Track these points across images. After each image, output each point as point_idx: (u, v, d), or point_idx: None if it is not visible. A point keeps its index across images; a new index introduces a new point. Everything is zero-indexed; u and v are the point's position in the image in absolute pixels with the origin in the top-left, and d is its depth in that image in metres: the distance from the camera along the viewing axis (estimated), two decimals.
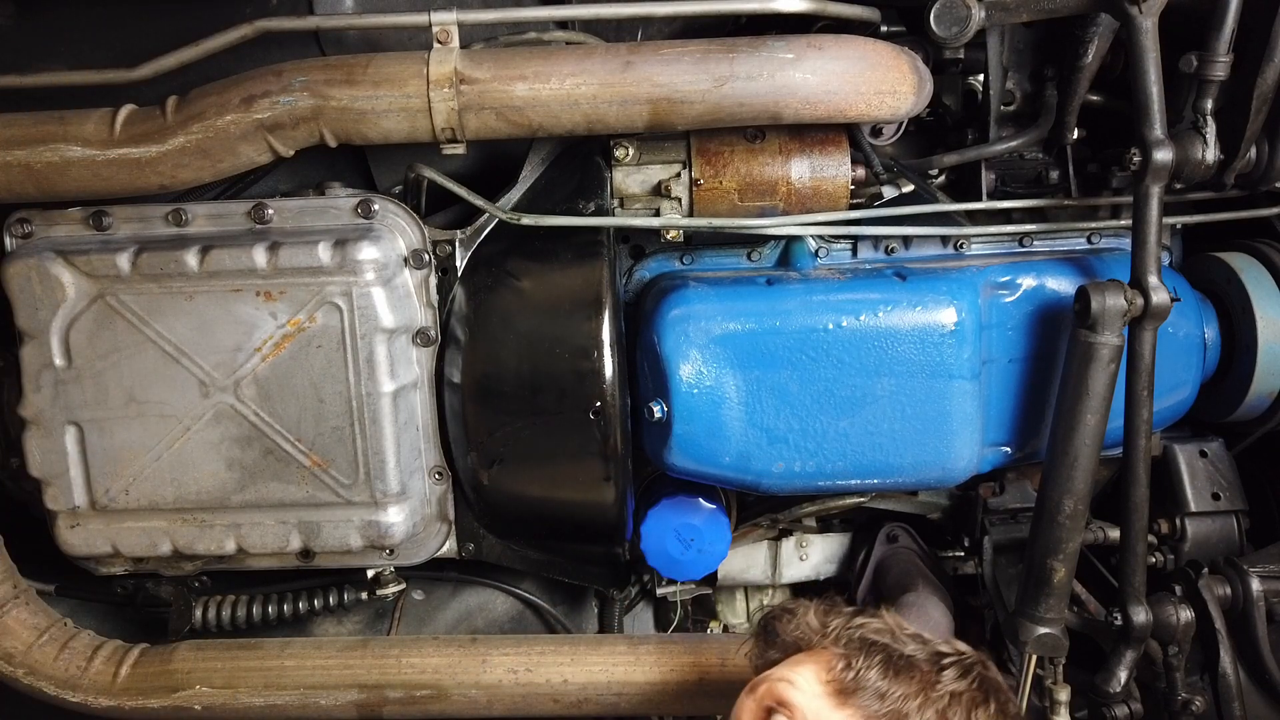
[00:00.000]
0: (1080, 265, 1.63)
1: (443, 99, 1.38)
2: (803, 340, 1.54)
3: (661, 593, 1.89)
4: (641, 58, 1.40)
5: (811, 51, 1.40)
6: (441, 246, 1.54)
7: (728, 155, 1.54)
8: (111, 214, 1.49)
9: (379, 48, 1.54)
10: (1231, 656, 1.56)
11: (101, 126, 1.42)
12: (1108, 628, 1.55)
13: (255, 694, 1.62)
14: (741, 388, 1.55)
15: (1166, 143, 1.44)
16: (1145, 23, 1.41)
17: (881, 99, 1.42)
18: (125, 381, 1.48)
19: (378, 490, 1.53)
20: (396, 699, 1.63)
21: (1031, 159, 1.73)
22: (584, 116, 1.41)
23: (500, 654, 1.63)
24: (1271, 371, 1.68)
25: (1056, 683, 1.56)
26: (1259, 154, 1.57)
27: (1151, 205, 1.46)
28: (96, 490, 1.53)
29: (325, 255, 1.46)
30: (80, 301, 1.46)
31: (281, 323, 1.47)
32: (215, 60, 1.45)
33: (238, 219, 1.50)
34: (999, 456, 1.69)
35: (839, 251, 1.66)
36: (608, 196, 1.57)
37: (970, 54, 1.59)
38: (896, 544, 1.91)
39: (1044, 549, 1.52)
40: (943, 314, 1.54)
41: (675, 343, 1.53)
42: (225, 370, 1.48)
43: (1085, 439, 1.47)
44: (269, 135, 1.41)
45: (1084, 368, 1.46)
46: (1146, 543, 1.56)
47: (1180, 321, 1.63)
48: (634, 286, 1.70)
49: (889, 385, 1.55)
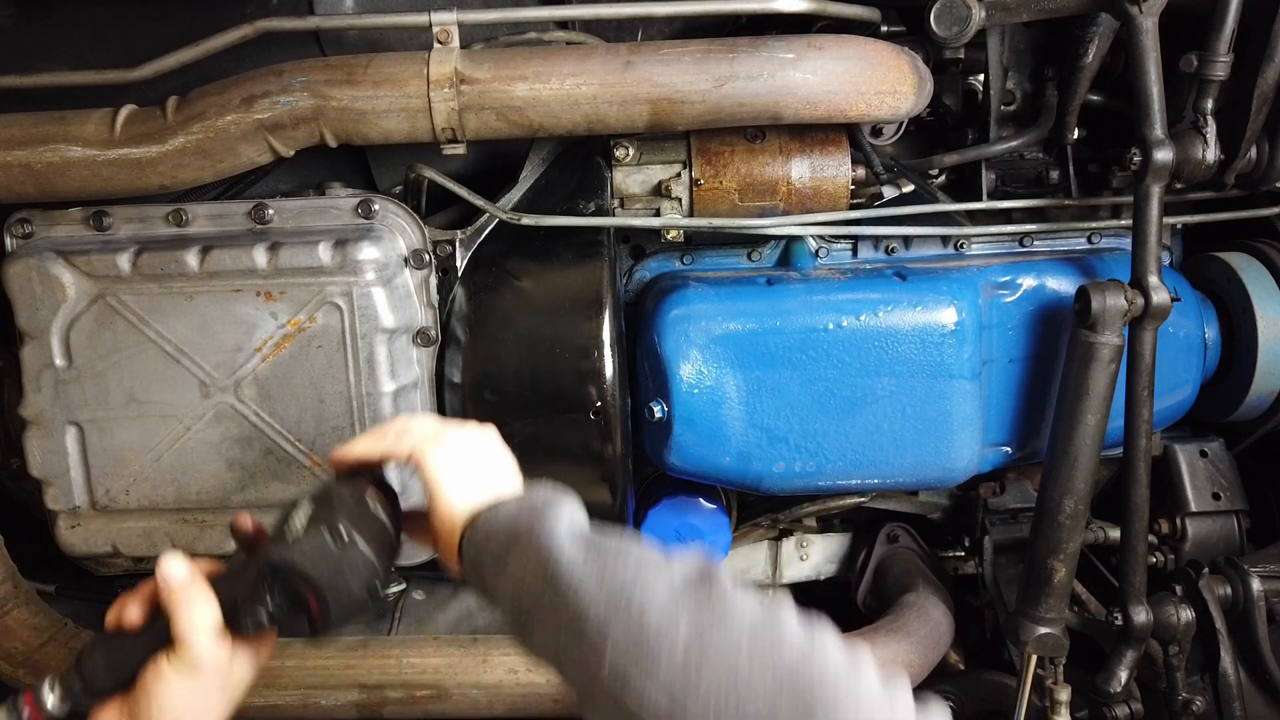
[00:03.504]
0: (1080, 265, 1.63)
1: (443, 99, 1.38)
2: (803, 340, 1.54)
3: None
4: (642, 58, 1.40)
5: (812, 51, 1.40)
6: (442, 246, 1.54)
7: (728, 155, 1.54)
8: (112, 214, 1.49)
9: (379, 48, 1.54)
10: (1232, 656, 1.56)
11: (102, 127, 1.42)
12: (1108, 628, 1.55)
13: (255, 694, 1.60)
14: (742, 388, 1.55)
15: (1167, 143, 1.44)
16: (1145, 23, 1.41)
17: (882, 99, 1.42)
18: (126, 382, 1.48)
19: None
20: (396, 699, 1.62)
21: (1031, 159, 1.73)
22: (584, 116, 1.41)
23: (500, 654, 1.63)
24: (1272, 371, 1.68)
25: (1056, 683, 1.56)
26: (1259, 154, 1.57)
27: (1152, 205, 1.46)
28: (97, 490, 1.53)
29: (325, 255, 1.46)
30: (81, 301, 1.46)
31: (282, 323, 1.47)
32: (215, 60, 1.45)
33: (238, 219, 1.50)
34: (999, 456, 1.69)
35: (839, 251, 1.66)
36: (608, 196, 1.57)
37: (970, 54, 1.59)
38: (897, 544, 1.91)
39: (1044, 549, 1.52)
40: (943, 314, 1.54)
41: (675, 343, 1.53)
42: (225, 370, 1.48)
43: (1085, 439, 1.47)
44: (269, 135, 1.41)
45: (1084, 368, 1.46)
46: (1147, 543, 1.56)
47: (1180, 321, 1.63)
48: (634, 286, 1.70)
49: (889, 385, 1.55)
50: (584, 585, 0.80)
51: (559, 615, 0.80)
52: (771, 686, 0.68)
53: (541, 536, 0.86)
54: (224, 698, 0.95)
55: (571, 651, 0.79)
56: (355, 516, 0.97)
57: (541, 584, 0.83)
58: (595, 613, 0.77)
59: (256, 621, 0.94)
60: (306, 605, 0.95)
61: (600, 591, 0.78)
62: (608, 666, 0.74)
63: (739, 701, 0.67)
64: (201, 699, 0.92)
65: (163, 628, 0.93)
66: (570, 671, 0.81)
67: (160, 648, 0.93)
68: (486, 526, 0.93)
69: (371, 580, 0.97)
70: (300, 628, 0.96)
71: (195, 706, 0.91)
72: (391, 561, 1.02)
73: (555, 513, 0.89)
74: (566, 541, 0.85)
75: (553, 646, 0.82)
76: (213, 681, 0.92)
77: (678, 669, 0.70)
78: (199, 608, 0.92)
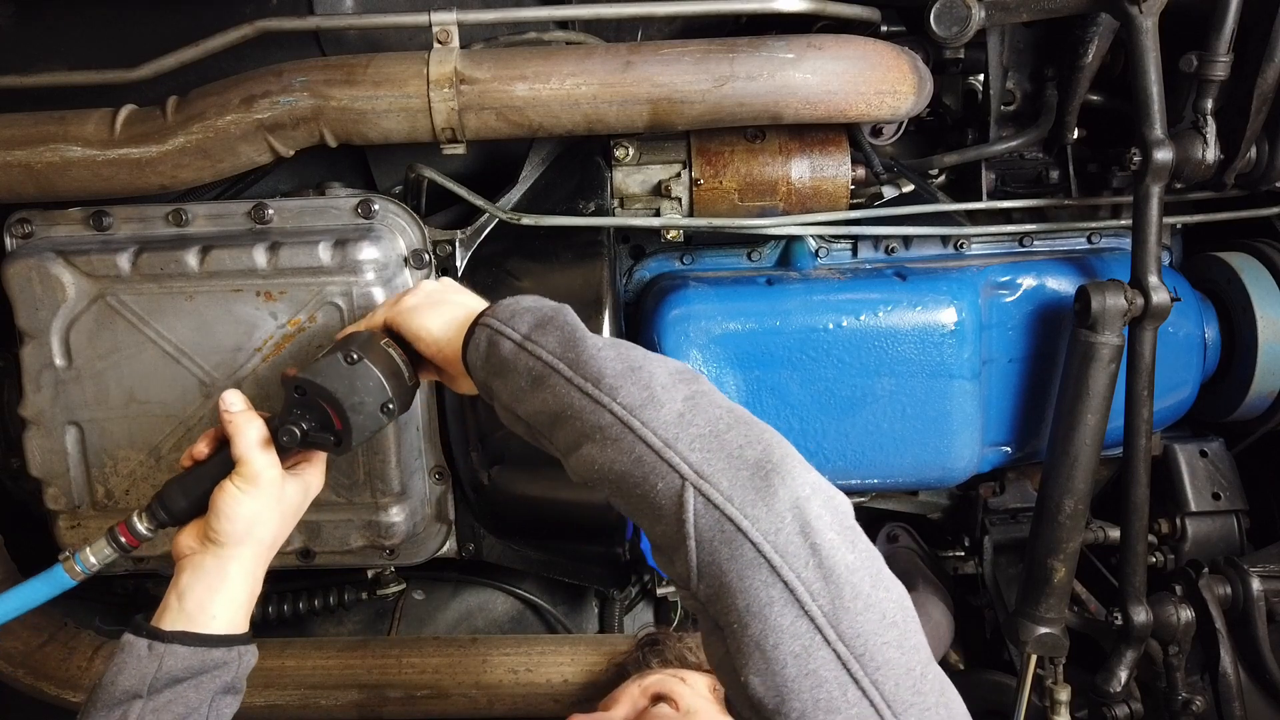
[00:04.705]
0: (1080, 265, 1.63)
1: (443, 99, 1.38)
2: (803, 340, 1.54)
3: (662, 593, 1.89)
4: (641, 58, 1.40)
5: (812, 51, 1.40)
6: (442, 246, 1.54)
7: (728, 155, 1.54)
8: (112, 214, 1.49)
9: (379, 48, 1.54)
10: (1232, 656, 1.56)
11: (101, 126, 1.42)
12: (1108, 627, 1.55)
13: (255, 694, 1.62)
14: (742, 387, 1.55)
15: (1167, 143, 1.44)
16: (1145, 23, 1.41)
17: (882, 99, 1.42)
18: (125, 382, 1.48)
19: (378, 490, 1.53)
20: (396, 699, 1.63)
21: (1031, 159, 1.73)
22: (584, 116, 1.41)
23: (500, 654, 1.64)
24: (1271, 371, 1.68)
25: (1056, 683, 1.56)
26: (1259, 154, 1.57)
27: (1151, 205, 1.46)
28: (97, 490, 1.53)
29: (325, 255, 1.46)
30: (80, 301, 1.46)
31: (282, 323, 1.47)
32: (215, 60, 1.45)
33: (238, 219, 1.50)
34: (999, 456, 1.69)
35: (839, 251, 1.66)
36: (608, 196, 1.57)
37: (970, 54, 1.59)
38: (897, 544, 1.91)
39: (1044, 549, 1.52)
40: (943, 314, 1.54)
41: (675, 343, 1.53)
42: (226, 370, 1.48)
43: (1085, 439, 1.47)
44: (269, 135, 1.41)
45: (1084, 367, 1.46)
46: (1147, 542, 1.57)
47: (1180, 321, 1.63)
48: (634, 286, 1.70)
49: (889, 385, 1.55)
50: (603, 354, 0.99)
51: (583, 372, 0.98)
52: (745, 432, 0.93)
53: (568, 318, 1.06)
54: (279, 512, 1.14)
55: (585, 405, 0.96)
56: (364, 345, 1.13)
57: (568, 352, 1.00)
58: (613, 370, 0.97)
59: (291, 436, 1.11)
60: (330, 421, 1.12)
61: (618, 361, 0.98)
62: (621, 409, 0.94)
63: (720, 435, 0.92)
64: (261, 509, 1.11)
65: (225, 457, 1.12)
66: (576, 421, 0.97)
67: (225, 474, 1.11)
68: (504, 314, 1.08)
69: (384, 399, 1.12)
70: (327, 442, 1.14)
71: (255, 516, 1.11)
72: (406, 391, 1.17)
73: (571, 313, 1.08)
74: (586, 329, 1.05)
75: (563, 402, 0.98)
76: (269, 494, 1.11)
77: (675, 415, 0.93)
78: (253, 430, 1.12)
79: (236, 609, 1.11)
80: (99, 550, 1.13)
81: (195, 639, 1.06)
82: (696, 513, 0.87)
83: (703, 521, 0.86)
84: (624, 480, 0.92)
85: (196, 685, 1.05)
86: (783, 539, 0.84)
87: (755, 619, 0.82)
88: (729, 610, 0.84)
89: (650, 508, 0.90)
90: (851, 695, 0.79)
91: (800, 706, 0.79)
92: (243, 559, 1.11)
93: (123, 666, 1.04)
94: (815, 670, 0.80)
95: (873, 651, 0.81)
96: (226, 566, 1.10)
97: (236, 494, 1.10)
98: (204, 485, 1.13)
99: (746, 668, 0.82)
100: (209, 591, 1.09)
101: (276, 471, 1.12)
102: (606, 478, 0.94)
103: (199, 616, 1.08)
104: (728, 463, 0.89)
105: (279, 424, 1.12)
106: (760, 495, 0.86)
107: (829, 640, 0.81)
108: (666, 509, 0.89)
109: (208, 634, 1.07)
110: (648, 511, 0.91)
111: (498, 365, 1.06)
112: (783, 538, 0.84)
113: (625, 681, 1.33)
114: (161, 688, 1.03)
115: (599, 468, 0.95)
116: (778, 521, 0.85)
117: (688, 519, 0.87)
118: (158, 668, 1.04)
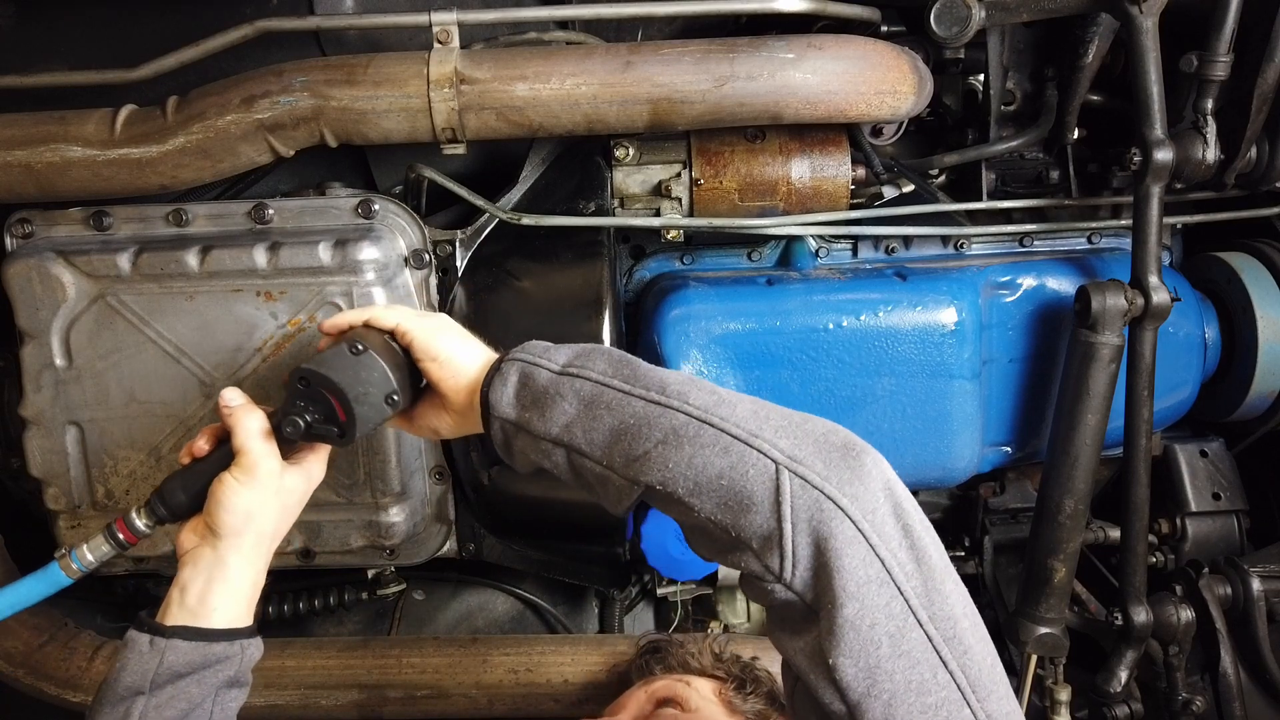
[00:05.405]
0: (1080, 265, 1.63)
1: (443, 99, 1.38)
2: (803, 340, 1.54)
3: (662, 593, 1.89)
4: (642, 58, 1.40)
5: (812, 51, 1.40)
6: (442, 246, 1.54)
7: (728, 155, 1.54)
8: (112, 214, 1.49)
9: (379, 48, 1.54)
10: (1232, 656, 1.56)
11: (102, 126, 1.42)
12: (1108, 628, 1.56)
13: (255, 694, 1.60)
14: (742, 388, 1.55)
15: (1167, 143, 1.44)
16: (1145, 23, 1.41)
17: (882, 99, 1.42)
18: (126, 381, 1.48)
19: (378, 490, 1.53)
20: (396, 699, 1.62)
21: (1032, 159, 1.73)
22: (584, 116, 1.41)
23: (500, 654, 1.63)
24: (1271, 371, 1.68)
25: (1057, 683, 1.56)
26: (1259, 154, 1.57)
27: (1152, 205, 1.46)
28: (97, 490, 1.53)
29: (326, 255, 1.46)
30: (81, 301, 1.46)
31: (282, 323, 1.47)
32: (215, 60, 1.45)
33: (238, 219, 1.50)
34: (999, 456, 1.69)
35: (839, 251, 1.66)
36: (608, 196, 1.57)
37: (970, 54, 1.59)
38: None
39: (1044, 549, 1.52)
40: (943, 314, 1.54)
41: (676, 343, 1.53)
42: (226, 370, 1.48)
43: (1085, 439, 1.47)
44: (269, 135, 1.41)
45: (1084, 367, 1.46)
46: (1147, 542, 1.57)
47: (1180, 321, 1.63)
48: (634, 286, 1.70)
49: (889, 385, 1.55)
50: (658, 370, 1.00)
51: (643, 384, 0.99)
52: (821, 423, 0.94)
53: (609, 348, 1.07)
54: (279, 503, 1.12)
55: (653, 412, 0.96)
56: (369, 338, 1.13)
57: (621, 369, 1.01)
58: (675, 379, 0.98)
59: (294, 428, 1.10)
60: (334, 412, 1.11)
61: (675, 375, 1.00)
62: (695, 409, 0.94)
63: (799, 425, 0.92)
64: (260, 501, 1.09)
65: (226, 451, 1.11)
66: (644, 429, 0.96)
67: (224, 468, 1.10)
68: (536, 349, 1.08)
69: (388, 389, 1.11)
70: (331, 434, 1.12)
71: (254, 507, 1.09)
72: (409, 386, 1.15)
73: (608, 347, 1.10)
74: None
75: (625, 414, 0.98)
76: (269, 486, 1.10)
77: (749, 411, 0.94)
78: (253, 421, 1.11)
79: (238, 602, 1.10)
80: (96, 547, 1.12)
81: (196, 633, 1.06)
82: (794, 494, 0.86)
83: (799, 502, 0.86)
84: (706, 473, 0.91)
85: (199, 680, 1.05)
86: (879, 518, 0.85)
87: (852, 599, 0.82)
88: (825, 590, 0.84)
89: (741, 497, 0.89)
90: (941, 678, 0.81)
91: (891, 689, 0.80)
92: (242, 550, 1.10)
93: (126, 663, 1.04)
94: (909, 651, 0.81)
95: (960, 635, 0.83)
96: (226, 559, 1.09)
97: (234, 485, 1.09)
98: (203, 480, 1.11)
99: (837, 649, 0.82)
100: (209, 585, 1.08)
101: (275, 462, 1.11)
102: (685, 475, 0.92)
103: (200, 610, 1.07)
104: (816, 447, 0.90)
105: (282, 416, 1.11)
106: (855, 475, 0.87)
107: (921, 622, 0.82)
108: (760, 495, 0.88)
109: (208, 628, 1.07)
110: (737, 502, 0.89)
111: (534, 396, 1.04)
112: (879, 517, 0.85)
113: (630, 688, 1.34)
114: (163, 683, 1.03)
115: (674, 468, 0.93)
116: (873, 501, 0.86)
117: (785, 501, 0.86)
118: (159, 663, 1.04)
